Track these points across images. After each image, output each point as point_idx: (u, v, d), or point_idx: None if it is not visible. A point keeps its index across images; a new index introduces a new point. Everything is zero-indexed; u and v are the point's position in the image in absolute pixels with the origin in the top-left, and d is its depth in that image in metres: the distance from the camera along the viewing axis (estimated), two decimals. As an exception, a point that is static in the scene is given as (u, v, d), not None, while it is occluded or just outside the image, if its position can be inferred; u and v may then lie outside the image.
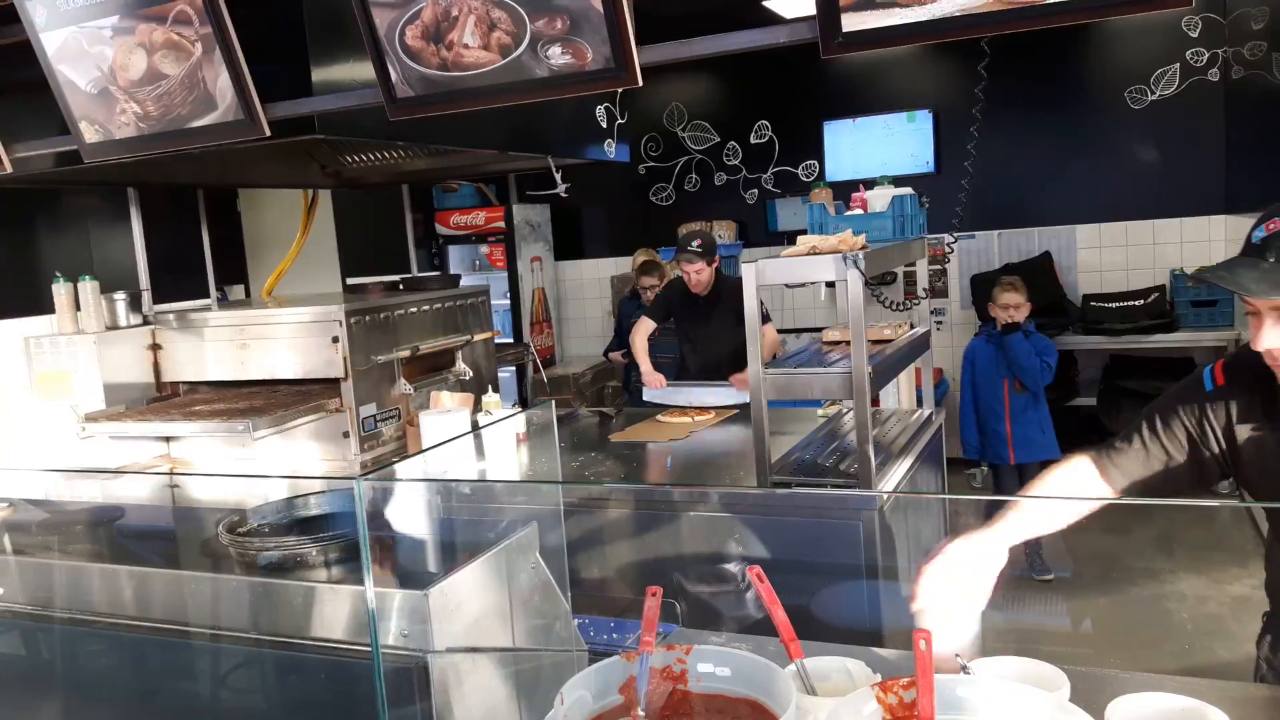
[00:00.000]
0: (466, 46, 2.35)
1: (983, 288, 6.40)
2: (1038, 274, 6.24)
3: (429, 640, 1.31)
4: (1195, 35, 6.00)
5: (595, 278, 7.84)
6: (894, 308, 3.27)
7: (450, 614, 1.35)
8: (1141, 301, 5.94)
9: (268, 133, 2.62)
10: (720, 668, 1.44)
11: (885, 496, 2.98)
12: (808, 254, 3.00)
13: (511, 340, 7.21)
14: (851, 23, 2.06)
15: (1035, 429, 4.81)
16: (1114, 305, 5.99)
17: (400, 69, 2.42)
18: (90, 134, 2.82)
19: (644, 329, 4.89)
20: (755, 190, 7.26)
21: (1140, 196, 6.25)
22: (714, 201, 7.37)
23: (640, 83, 2.26)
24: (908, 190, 3.72)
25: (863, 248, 3.05)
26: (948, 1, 1.98)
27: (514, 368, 6.95)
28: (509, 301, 7.41)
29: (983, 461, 5.18)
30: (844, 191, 4.97)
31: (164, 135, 2.74)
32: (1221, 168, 6.00)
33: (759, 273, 2.96)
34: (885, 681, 1.31)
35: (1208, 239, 6.08)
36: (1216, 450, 1.65)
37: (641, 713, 1.36)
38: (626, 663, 1.42)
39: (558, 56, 2.29)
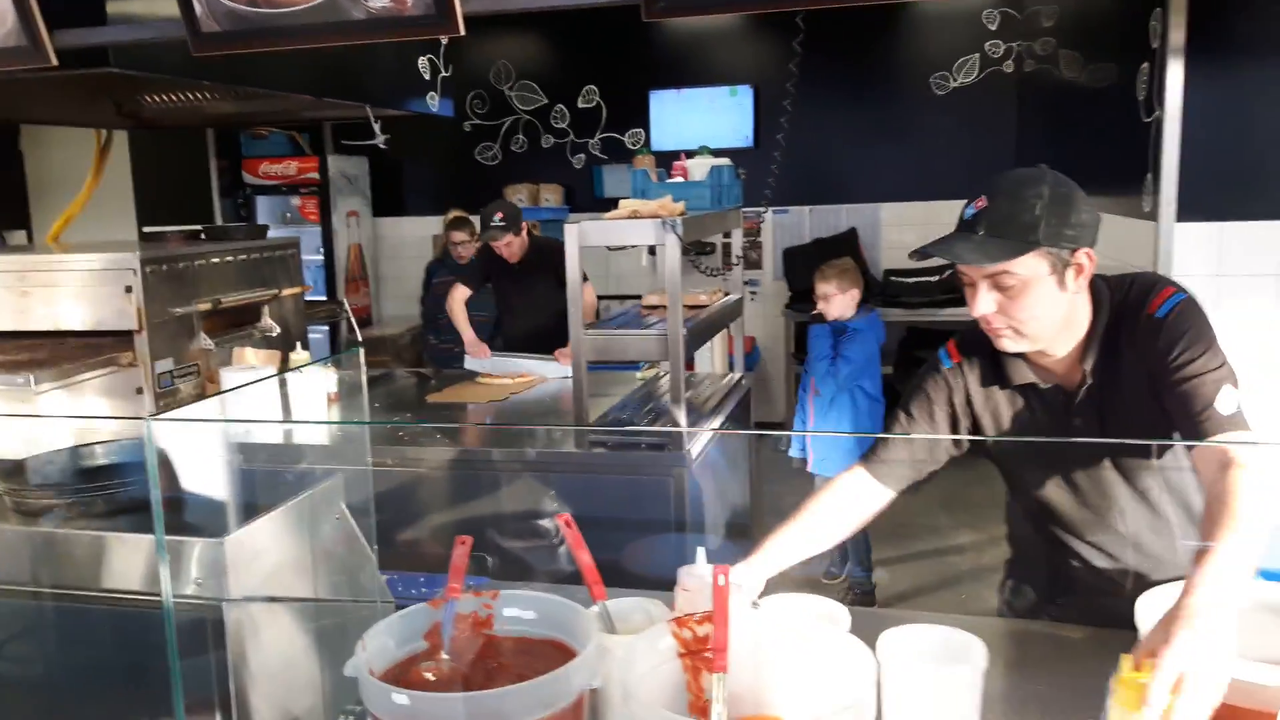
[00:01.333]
0: (278, -18, 2.24)
1: (794, 261, 6.68)
2: (843, 250, 6.54)
3: (224, 589, 1.28)
4: (994, 28, 6.42)
5: (417, 236, 7.64)
6: (709, 273, 3.37)
7: (247, 563, 1.32)
8: (936, 277, 6.34)
9: (54, 62, 2.42)
10: (525, 611, 1.48)
11: (694, 454, 3.08)
12: (629, 217, 3.05)
13: (325, 298, 6.97)
14: (673, -13, 2.10)
15: (842, 442, 4.21)
16: (911, 280, 6.38)
17: (206, 2, 2.29)
18: None
19: (460, 295, 4.79)
20: (583, 155, 7.28)
21: (940, 178, 6.64)
22: (541, 164, 7.33)
23: (462, 31, 2.22)
24: (726, 161, 3.82)
25: (681, 214, 3.13)
26: (763, -26, 2.04)
27: (327, 327, 6.74)
28: (323, 257, 7.15)
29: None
30: (668, 161, 5.05)
31: (-71, 56, 2.49)
32: (1013, 154, 6.46)
33: (581, 234, 3.00)
34: (680, 617, 1.37)
35: (997, 221, 6.55)
36: (966, 423, 1.80)
37: (445, 656, 1.38)
38: (432, 610, 1.43)
39: None
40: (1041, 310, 1.59)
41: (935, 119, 6.61)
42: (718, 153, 4.14)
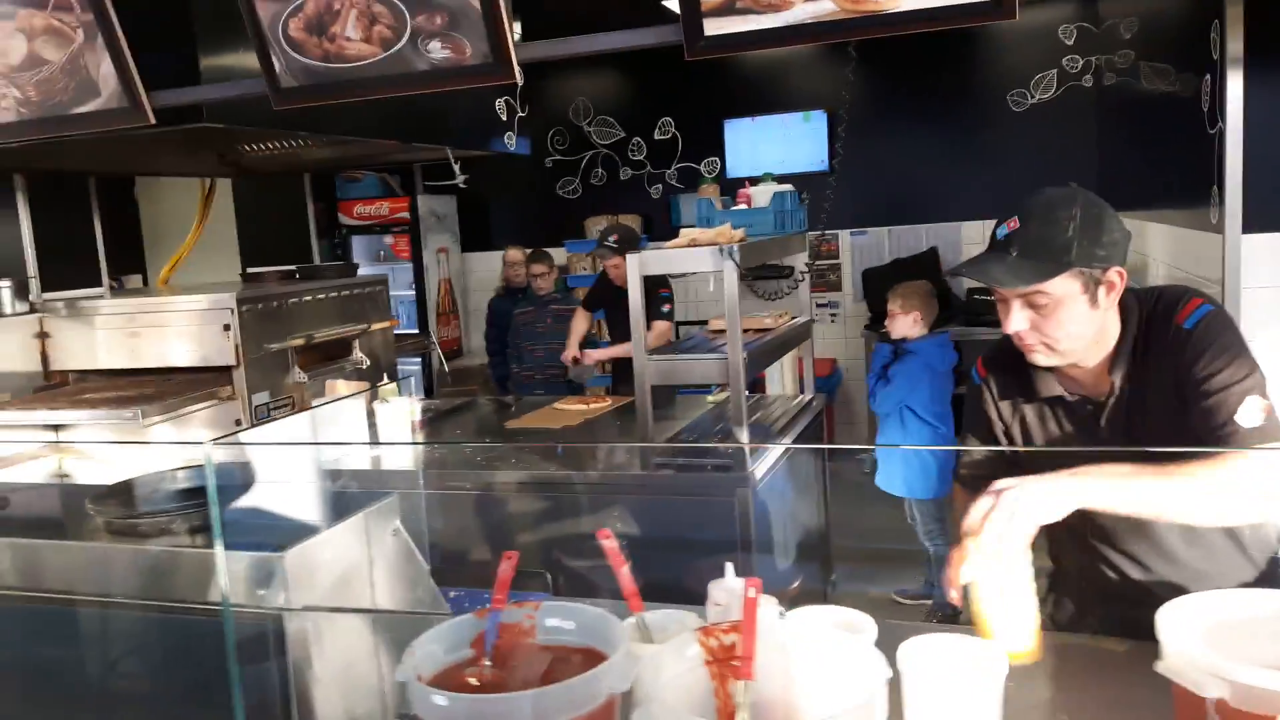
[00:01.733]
0: (348, 39, 2.42)
1: (873, 282, 6.66)
2: (923, 270, 6.51)
3: (286, 600, 1.40)
4: (1070, 43, 6.34)
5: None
6: (767, 297, 3.42)
7: (308, 575, 1.44)
8: (1021, 296, 6.23)
9: (152, 120, 2.64)
10: (566, 621, 1.56)
11: (759, 474, 3.13)
12: (688, 246, 3.14)
13: (417, 332, 7.23)
14: (712, 27, 2.20)
15: (895, 458, 4.29)
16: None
17: (284, 60, 2.48)
18: (-31, 118, 2.81)
19: (583, 318, 5.18)
20: (659, 185, 7.41)
21: (1021, 195, 6.41)
22: (619, 196, 7.50)
23: (519, 79, 2.36)
24: (788, 187, 3.90)
25: (740, 240, 3.21)
26: (800, 10, 2.12)
27: (419, 358, 6.99)
28: (414, 293, 7.42)
29: None
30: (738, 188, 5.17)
31: (46, 121, 2.75)
32: (1095, 169, 6.34)
33: (642, 264, 3.11)
34: (707, 627, 1.44)
35: (1083, 236, 6.44)
36: (1002, 435, 1.83)
37: (487, 662, 1.47)
38: (478, 619, 1.53)
39: (438, 51, 2.38)
40: (1074, 327, 1.62)
41: (1014, 136, 6.54)
42: (791, 178, 4.21)
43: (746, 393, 4.48)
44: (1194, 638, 1.35)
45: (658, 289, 4.65)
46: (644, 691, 1.37)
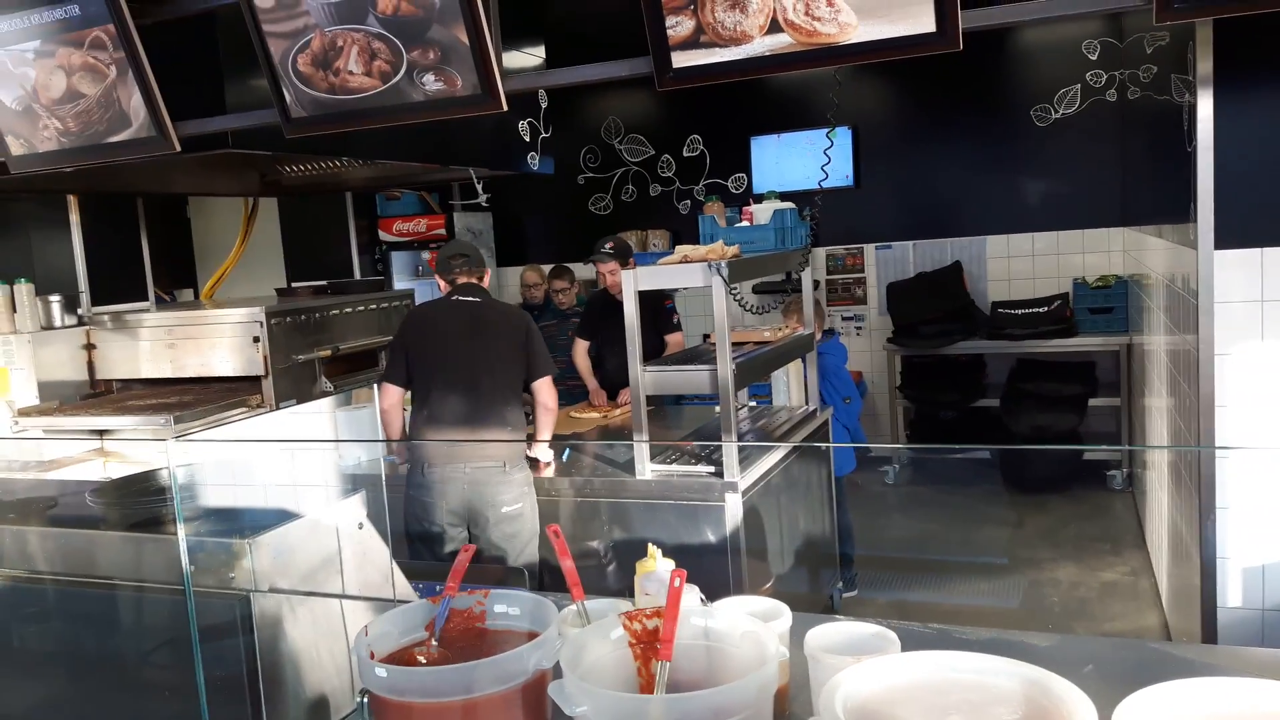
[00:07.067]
0: (351, 73, 2.61)
1: (898, 296, 6.73)
2: (948, 282, 6.56)
3: (254, 582, 1.57)
4: (1094, 58, 6.36)
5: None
6: (750, 309, 3.54)
7: (274, 561, 1.61)
8: (1045, 309, 6.27)
9: (177, 148, 2.87)
10: (511, 608, 1.71)
11: (751, 480, 3.26)
12: (680, 262, 3.29)
13: (453, 344, 7.44)
14: (680, 60, 2.35)
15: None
16: (1019, 312, 6.32)
17: (294, 92, 2.68)
18: (16, 147, 3.06)
19: (581, 349, 5.19)
20: (688, 201, 7.56)
21: (1045, 209, 6.59)
22: (649, 211, 7.66)
23: (505, 107, 2.54)
24: (789, 205, 4.02)
25: (734, 256, 3.34)
26: (759, 43, 2.27)
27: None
28: (451, 306, 7.64)
29: None
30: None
31: (83, 149, 2.99)
32: (1119, 182, 6.35)
33: (635, 279, 3.25)
34: (631, 611, 1.58)
35: (1107, 249, 6.44)
36: None
37: (435, 642, 1.63)
38: (431, 605, 1.69)
39: (432, 83, 2.56)
40: None
41: (1038, 150, 6.57)
42: (817, 194, 4.31)
43: (753, 403, 4.62)
44: None
45: (662, 302, 4.80)
46: (568, 668, 1.51)
